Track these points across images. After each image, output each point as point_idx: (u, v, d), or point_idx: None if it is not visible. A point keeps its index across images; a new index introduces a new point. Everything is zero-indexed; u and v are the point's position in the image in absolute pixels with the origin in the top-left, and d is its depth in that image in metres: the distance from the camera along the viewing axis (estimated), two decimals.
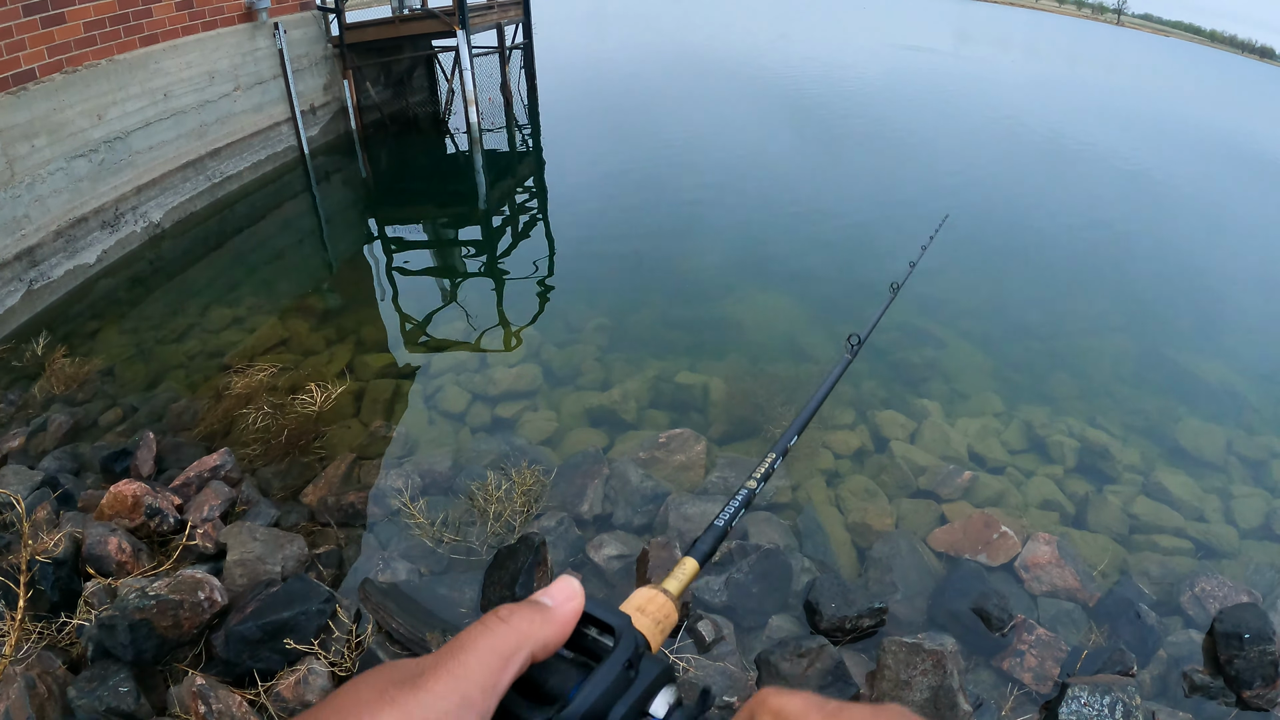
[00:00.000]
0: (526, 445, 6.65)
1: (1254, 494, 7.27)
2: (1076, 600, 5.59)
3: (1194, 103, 44.96)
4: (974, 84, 34.56)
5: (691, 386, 7.79)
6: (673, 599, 0.82)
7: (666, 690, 0.68)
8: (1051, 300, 11.08)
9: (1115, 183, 19.10)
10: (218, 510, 5.26)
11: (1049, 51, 65.63)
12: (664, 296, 9.99)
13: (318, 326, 8.58)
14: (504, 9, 17.73)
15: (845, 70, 32.60)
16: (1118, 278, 12.42)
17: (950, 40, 60.88)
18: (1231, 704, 4.92)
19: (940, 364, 8.77)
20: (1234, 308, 11.95)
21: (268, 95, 13.33)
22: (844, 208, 14.08)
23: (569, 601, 0.67)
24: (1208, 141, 29.78)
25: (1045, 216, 15.05)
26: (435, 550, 5.34)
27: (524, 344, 8.55)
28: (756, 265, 11.19)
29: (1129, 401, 8.56)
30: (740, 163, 16.42)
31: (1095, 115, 31.10)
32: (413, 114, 17.85)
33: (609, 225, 12.54)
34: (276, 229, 11.85)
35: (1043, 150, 21.63)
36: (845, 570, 5.72)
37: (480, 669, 0.59)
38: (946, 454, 7.13)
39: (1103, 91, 41.55)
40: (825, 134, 20.35)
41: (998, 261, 12.35)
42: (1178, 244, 14.87)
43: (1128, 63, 68.87)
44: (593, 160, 16.33)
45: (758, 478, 1.13)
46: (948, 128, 22.96)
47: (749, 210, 13.51)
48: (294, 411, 6.66)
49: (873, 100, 25.86)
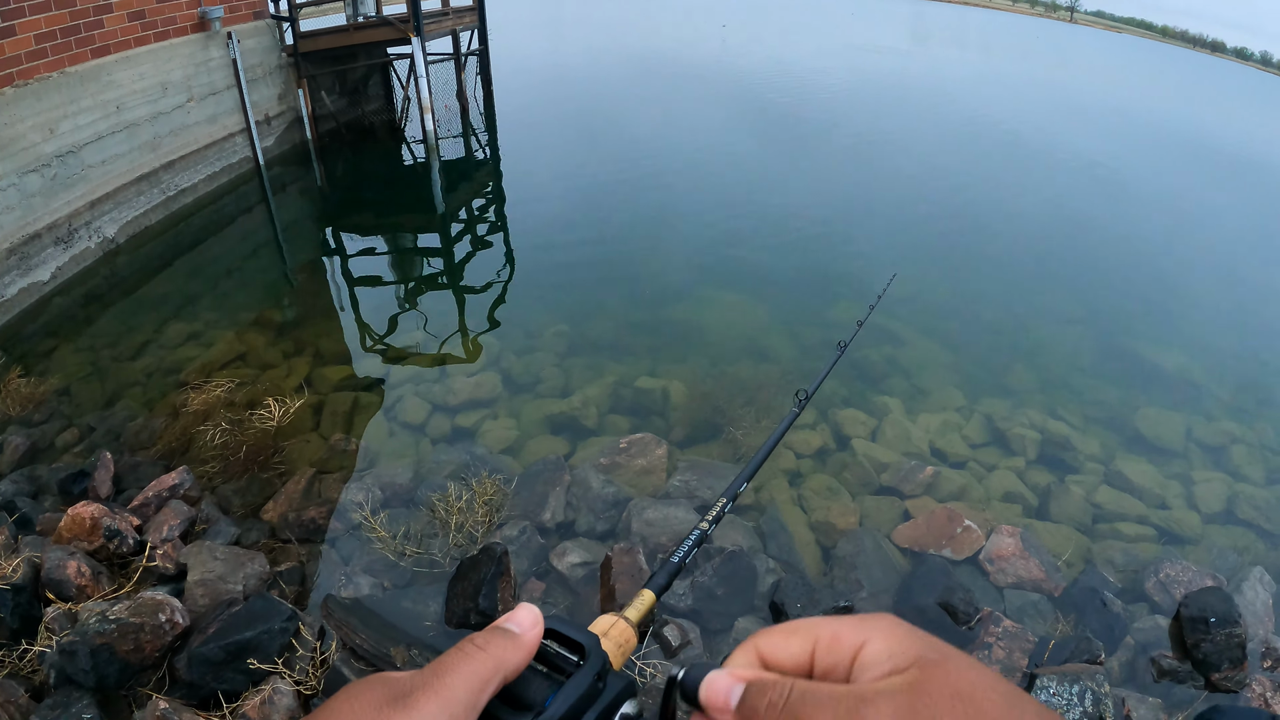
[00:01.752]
0: (487, 454, 6.66)
1: (1215, 479, 7.41)
2: (1042, 591, 5.67)
3: (1148, 97, 45.54)
4: (932, 83, 34.82)
5: (652, 391, 7.82)
6: (632, 625, 0.88)
7: (630, 702, 0.75)
8: (1010, 294, 11.22)
9: (1072, 177, 19.35)
10: (177, 530, 5.21)
11: (1004, 50, 66.19)
12: (624, 301, 10.02)
13: (275, 340, 8.51)
14: (459, 15, 17.68)
15: (806, 72, 32.73)
16: (1076, 270, 12.59)
17: (907, 41, 61.26)
18: (1200, 687, 5.01)
19: (900, 361, 8.87)
20: (1191, 296, 12.16)
21: (222, 106, 13.21)
22: (806, 209, 14.16)
23: (533, 629, 0.73)
24: (1163, 135, 30.23)
25: (1003, 212, 15.25)
26: (398, 564, 5.33)
27: (483, 352, 8.54)
28: (716, 268, 11.23)
29: (1089, 392, 8.70)
30: (700, 166, 16.52)
31: (1051, 112, 31.45)
32: (369, 122, 17.73)
33: (568, 231, 12.55)
34: (233, 242, 11.75)
35: (1000, 147, 21.87)
36: (810, 570, 5.76)
37: (464, 691, 0.64)
38: (908, 450, 7.21)
39: (1058, 88, 41.95)
40: (787, 136, 20.48)
41: (956, 257, 12.48)
42: (1135, 235, 15.09)
43: (1081, 60, 69.60)
44: (552, 166, 16.34)
45: (710, 520, 1.16)
46: (907, 127, 23.16)
47: (709, 213, 13.55)
48: (252, 427, 6.61)
49: (833, 101, 26.06)
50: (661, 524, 5.83)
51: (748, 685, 0.65)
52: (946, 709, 0.55)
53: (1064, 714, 4.35)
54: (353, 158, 16.07)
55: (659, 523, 5.85)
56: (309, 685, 4.25)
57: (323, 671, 4.33)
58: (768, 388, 7.95)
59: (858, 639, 0.63)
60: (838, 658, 0.64)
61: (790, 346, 9.13)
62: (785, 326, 9.62)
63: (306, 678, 4.27)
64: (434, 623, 4.97)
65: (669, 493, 6.30)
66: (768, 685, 0.64)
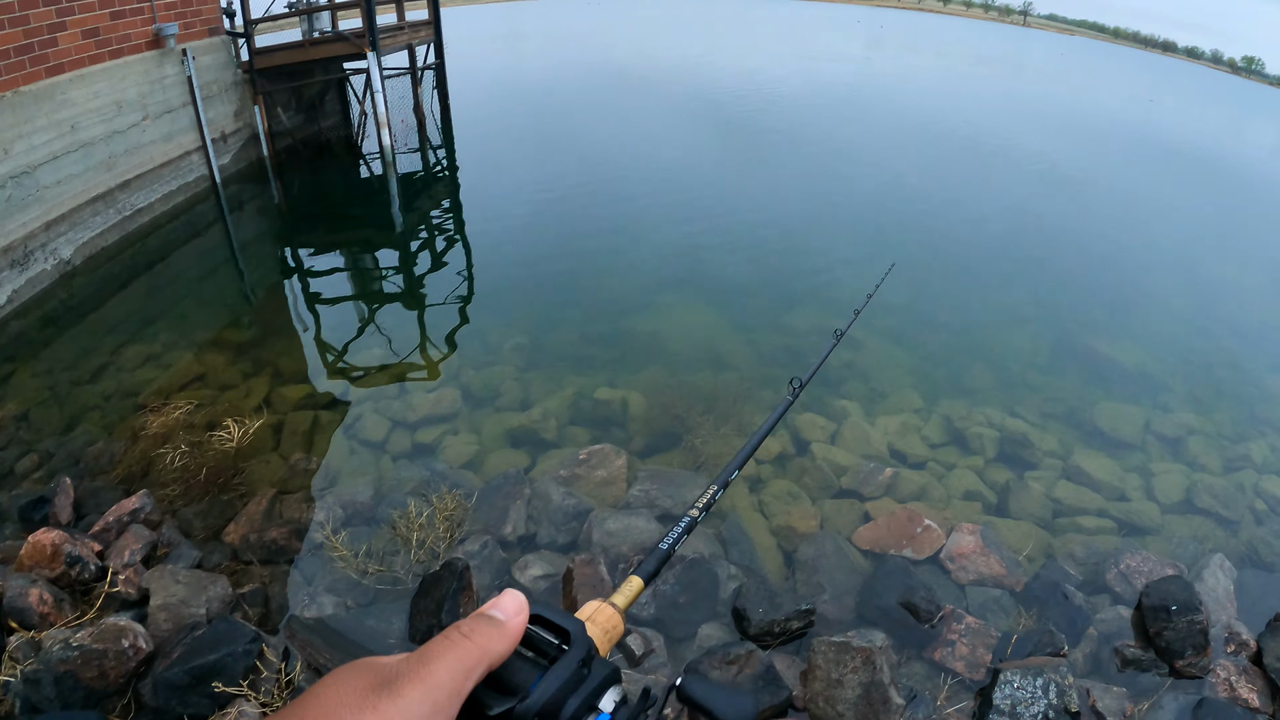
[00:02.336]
0: (447, 470, 6.68)
1: (1173, 470, 7.56)
2: (1004, 586, 5.76)
3: (1102, 97, 46.06)
4: (889, 91, 35.12)
5: (611, 401, 7.88)
6: (619, 611, 0.91)
7: (614, 689, 0.77)
8: (968, 295, 11.37)
9: (1028, 178, 19.64)
10: (139, 555, 5.21)
11: (960, 56, 66.73)
12: (582, 313, 10.07)
13: (234, 360, 8.47)
14: (415, 30, 17.68)
15: (765, 81, 32.90)
16: (1031, 269, 12.79)
17: (862, 48, 61.65)
18: (1165, 674, 5.09)
19: (858, 364, 8.96)
20: (1147, 292, 12.38)
21: (177, 124, 13.11)
22: (764, 217, 14.30)
23: (518, 615, 0.75)
24: (1117, 133, 30.63)
25: (961, 215, 15.43)
26: (360, 582, 5.35)
27: (443, 367, 8.58)
28: (675, 277, 11.30)
29: (1046, 389, 8.84)
30: (660, 176, 16.59)
31: (1007, 114, 31.80)
32: (325, 138, 17.67)
33: (527, 244, 12.60)
34: (190, 261, 11.67)
35: (957, 151, 22.10)
36: (772, 575, 5.81)
37: (449, 678, 0.66)
38: (867, 453, 7.30)
39: (1014, 91, 42.44)
40: (747, 145, 20.60)
41: (915, 260, 12.60)
42: (1091, 234, 15.32)
43: (1036, 63, 70.32)
44: (511, 179, 16.35)
45: (700, 507, 1.20)
46: (865, 135, 23.37)
47: (668, 224, 13.63)
48: (212, 449, 6.59)
49: (792, 110, 26.19)
50: (622, 534, 5.88)
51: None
52: None
53: (1028, 707, 4.40)
54: (310, 174, 16.01)
55: (620, 533, 5.90)
56: (275, 707, 4.24)
57: (288, 693, 4.35)
58: (726, 396, 8.03)
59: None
60: None
61: (749, 354, 9.21)
62: (744, 334, 9.71)
63: (272, 700, 4.29)
64: (398, 640, 5.00)
65: (629, 503, 6.34)
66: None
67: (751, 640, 5.02)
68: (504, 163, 17.88)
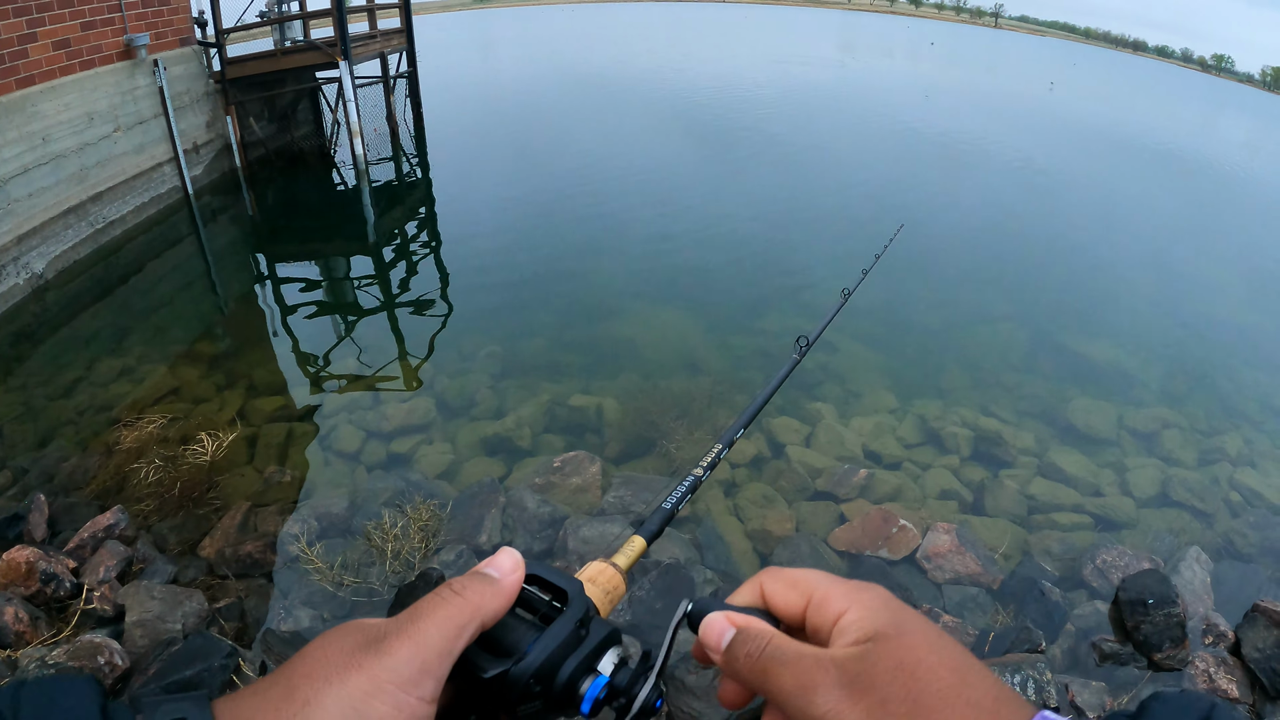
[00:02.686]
0: (422, 480, 6.67)
1: (1148, 464, 7.65)
2: (980, 584, 5.80)
3: (1074, 96, 46.46)
4: (866, 93, 35.39)
5: (585, 408, 7.90)
6: (621, 572, 0.89)
7: (613, 650, 0.76)
8: (941, 295, 11.46)
9: (1001, 178, 19.85)
10: (114, 571, 5.19)
11: (933, 57, 67.18)
12: (557, 319, 10.09)
13: (208, 373, 8.44)
14: (387, 38, 17.68)
15: (741, 86, 33.06)
16: (1003, 268, 12.92)
17: (838, 51, 62.00)
18: (1144, 668, 5.15)
19: (832, 366, 9.00)
20: (1119, 288, 12.53)
21: (149, 135, 13.05)
22: (739, 221, 14.39)
23: (512, 573, 0.74)
24: (1089, 131, 30.93)
25: (934, 215, 15.53)
26: (336, 594, 5.34)
27: (417, 377, 8.58)
28: (648, 283, 11.35)
29: (1020, 387, 8.92)
30: (634, 182, 16.67)
31: (980, 115, 32.07)
32: (298, 148, 17.59)
33: (500, 251, 12.60)
34: (163, 274, 11.60)
35: (931, 152, 22.26)
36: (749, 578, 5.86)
37: (438, 637, 0.64)
38: (842, 454, 7.34)
39: (986, 91, 42.78)
40: (725, 149, 20.70)
41: (889, 261, 12.70)
42: (1063, 231, 15.50)
43: (1008, 63, 70.87)
44: (485, 186, 16.38)
45: (704, 466, 1.17)
46: (842, 137, 23.52)
47: (640, 229, 13.69)
48: (186, 463, 6.56)
49: (770, 115, 26.30)
50: (598, 541, 5.89)
51: (736, 632, 0.72)
52: (886, 679, 0.61)
53: None
54: (283, 184, 15.97)
55: (595, 540, 5.91)
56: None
57: None
58: (700, 400, 8.06)
59: (841, 606, 0.69)
60: (822, 619, 0.70)
61: (722, 358, 9.25)
62: (717, 338, 9.76)
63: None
64: None
65: (604, 509, 6.36)
66: (749, 636, 0.71)
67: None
68: (478, 170, 17.91)
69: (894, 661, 0.62)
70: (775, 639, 0.69)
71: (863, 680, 0.62)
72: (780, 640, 0.69)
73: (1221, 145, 36.82)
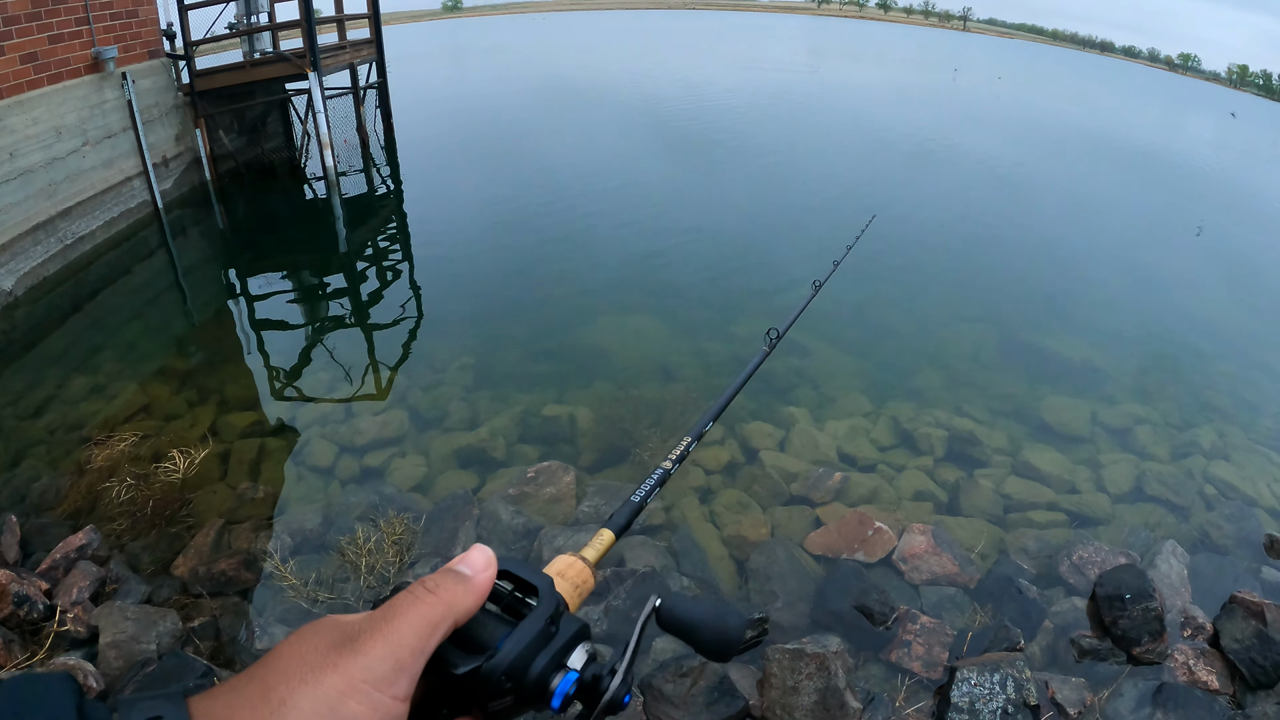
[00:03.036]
0: (396, 493, 6.65)
1: (1122, 460, 7.73)
2: (957, 584, 5.83)
3: (1044, 97, 46.90)
4: (837, 98, 35.58)
5: (559, 417, 7.90)
6: (590, 566, 0.93)
7: (583, 646, 0.77)
8: (913, 297, 11.56)
9: (972, 179, 20.00)
10: (87, 592, 5.15)
11: (903, 61, 67.61)
12: (530, 329, 10.10)
13: (179, 389, 8.37)
14: (356, 48, 17.64)
15: (714, 94, 33.19)
16: (974, 268, 13.05)
17: (808, 57, 62.26)
18: (1123, 662, 5.20)
19: (806, 370, 9.05)
20: (1090, 285, 12.68)
21: (118, 149, 12.94)
22: (711, 228, 14.45)
23: (485, 570, 0.74)
24: (1059, 131, 31.26)
25: (905, 218, 15.63)
26: (311, 610, 5.32)
27: (390, 389, 8.56)
28: (620, 291, 11.38)
29: (993, 387, 9.01)
30: (606, 191, 16.72)
31: (952, 117, 32.31)
32: (268, 161, 17.48)
33: (473, 262, 12.61)
34: (134, 289, 11.52)
35: (903, 156, 22.43)
36: (725, 584, 5.85)
37: (412, 635, 0.65)
38: (816, 458, 7.37)
39: (957, 94, 43.08)
40: (697, 157, 20.73)
41: (861, 265, 12.78)
42: (1031, 230, 15.71)
43: (977, 66, 71.37)
44: (456, 197, 16.41)
45: (673, 459, 1.19)
46: (814, 143, 23.64)
47: (612, 237, 13.72)
48: (158, 480, 6.51)
49: (742, 122, 26.43)
50: (572, 550, 5.91)
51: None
52: None
53: (987, 703, 4.46)
54: (254, 197, 15.86)
55: (570, 549, 5.90)
56: None
57: None
58: (674, 407, 8.08)
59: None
60: None
61: (695, 365, 9.29)
62: (690, 345, 9.79)
63: None
64: None
65: (579, 519, 6.37)
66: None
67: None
68: (449, 181, 17.90)
69: None
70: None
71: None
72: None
73: (1189, 142, 37.23)
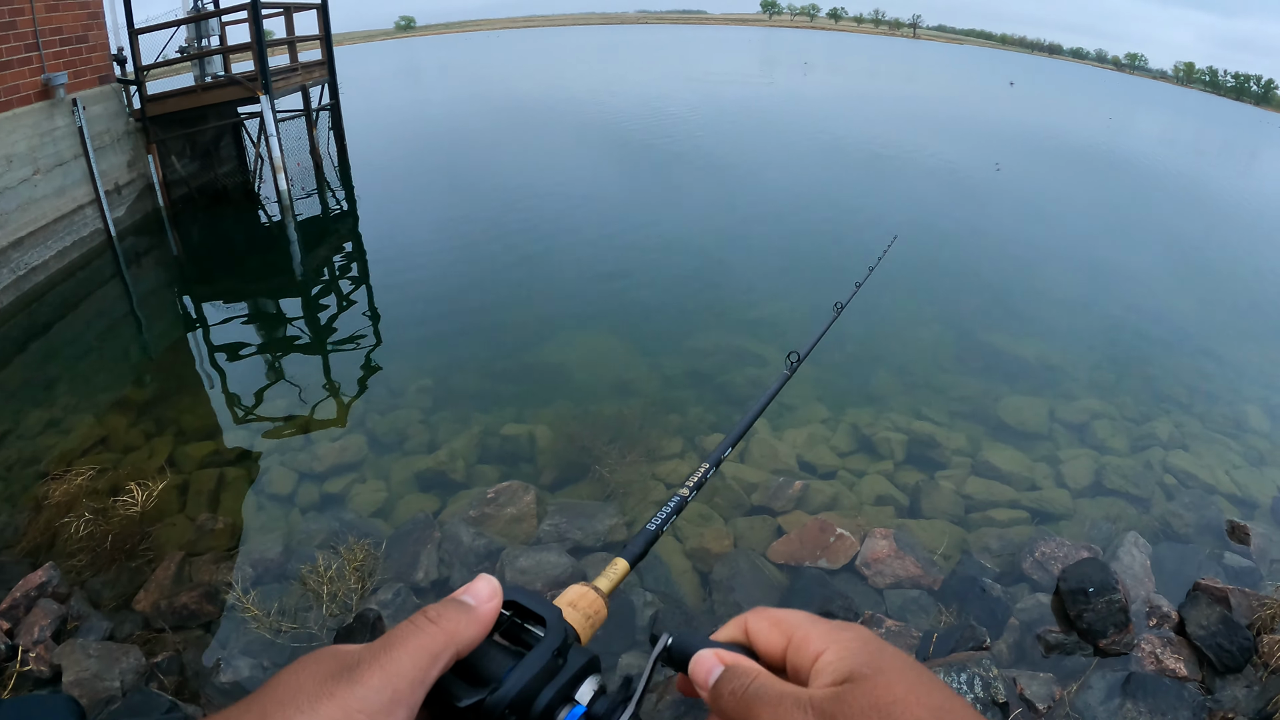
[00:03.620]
0: (357, 519, 6.65)
1: (1081, 455, 7.89)
2: (921, 586, 5.92)
3: (996, 102, 47.47)
4: (792, 108, 35.88)
5: (518, 437, 7.92)
6: (603, 596, 0.89)
7: (592, 678, 0.74)
8: (868, 303, 11.68)
9: (921, 182, 20.20)
10: (49, 630, 5.12)
11: (855, 71, 68.18)
12: (488, 349, 10.13)
13: (136, 420, 8.30)
14: (308, 70, 17.59)
15: (670, 107, 33.34)
16: (928, 272, 13.15)
17: (761, 67, 62.69)
18: (1090, 655, 5.30)
19: (763, 381, 8.98)
20: (1043, 284, 12.93)
21: (70, 177, 12.80)
22: (669, 242, 14.60)
23: (490, 601, 0.73)
24: (1012, 135, 31.64)
25: (861, 224, 15.79)
26: (275, 641, 5.31)
27: (348, 414, 8.54)
28: (578, 308, 11.46)
29: (950, 389, 9.15)
30: (556, 209, 16.79)
31: (905, 124, 32.65)
32: (222, 185, 17.34)
33: (429, 283, 12.62)
34: (88, 320, 11.41)
35: (858, 163, 22.65)
36: (689, 597, 5.90)
37: (411, 666, 0.64)
38: (776, 467, 7.44)
39: (909, 100, 43.57)
40: (654, 172, 20.91)
41: (815, 273, 12.92)
42: (984, 232, 15.91)
43: (928, 73, 72.10)
44: (413, 218, 16.41)
45: (690, 486, 1.16)
46: (770, 154, 23.84)
47: (567, 254, 13.84)
48: (117, 514, 6.43)
49: (699, 133, 26.59)
50: (535, 571, 5.94)
51: (724, 670, 0.72)
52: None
53: None
54: (208, 223, 15.72)
55: (532, 570, 5.95)
56: None
57: None
58: (633, 422, 8.15)
59: (819, 646, 0.69)
60: (802, 659, 0.70)
61: (654, 380, 9.36)
62: (648, 360, 9.86)
63: None
64: None
65: (540, 538, 6.40)
66: (735, 674, 0.70)
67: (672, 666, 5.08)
68: (405, 202, 17.92)
69: (868, 702, 0.62)
70: (760, 677, 0.69)
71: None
72: (764, 679, 0.69)
73: (1139, 140, 37.81)
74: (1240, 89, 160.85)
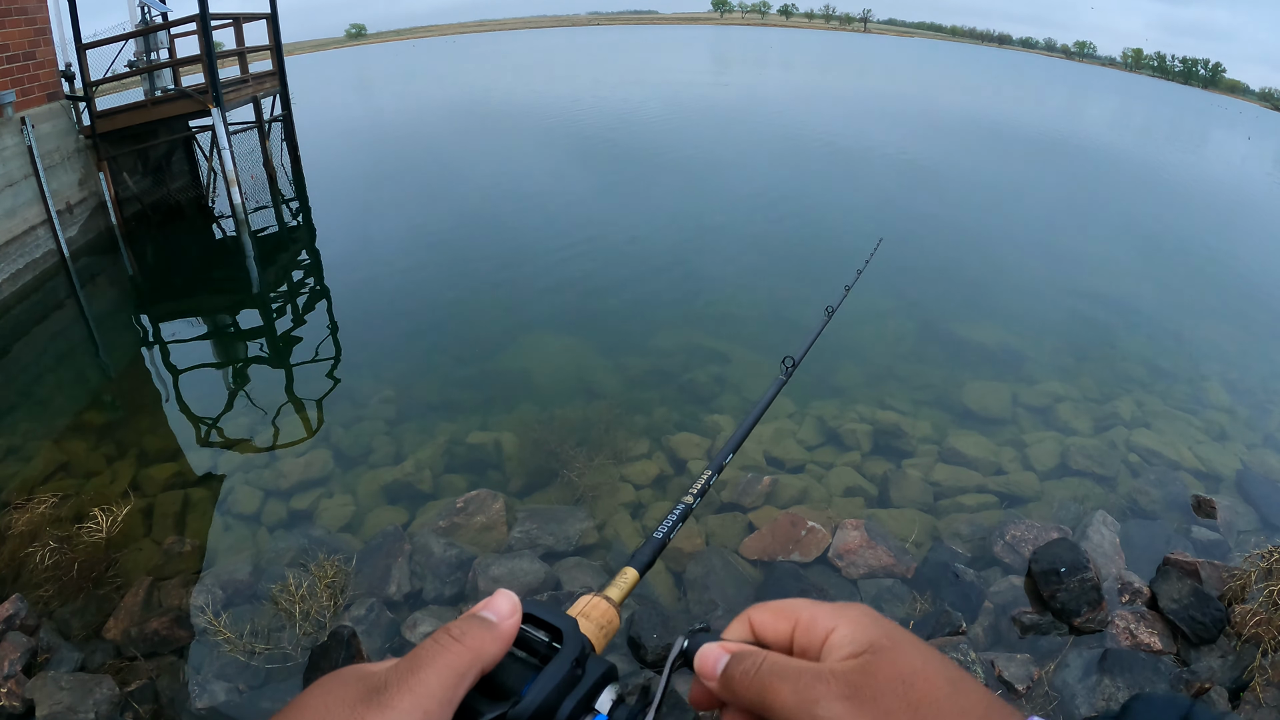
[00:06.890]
0: (325, 535, 6.61)
1: (1046, 437, 8.01)
2: (894, 575, 5.98)
3: (948, 92, 47.90)
4: (749, 105, 36.00)
5: (484, 444, 7.92)
6: (614, 605, 0.88)
7: (610, 688, 0.74)
8: (823, 295, 11.77)
9: (881, 174, 20.36)
10: (19, 664, 5.03)
11: (807, 65, 68.52)
12: (450, 358, 10.11)
13: (97, 444, 8.18)
14: (260, 81, 17.42)
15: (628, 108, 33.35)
16: (886, 262, 13.26)
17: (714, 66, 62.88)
18: (1065, 634, 5.38)
19: (727, 378, 9.18)
20: (1002, 271, 13.09)
21: (20, 198, 12.54)
22: (627, 243, 14.64)
23: (510, 617, 0.72)
24: (967, 124, 31.94)
25: (822, 217, 15.88)
26: (249, 663, 5.26)
27: (311, 429, 8.48)
28: (539, 313, 11.46)
29: (914, 378, 9.25)
30: (519, 213, 16.84)
31: (862, 116, 32.88)
32: (175, 201, 17.07)
33: (388, 293, 12.59)
34: (44, 343, 11.22)
35: (817, 158, 22.76)
36: (664, 598, 5.91)
37: (439, 686, 0.64)
38: (745, 463, 7.47)
39: (864, 94, 43.88)
40: (617, 172, 20.91)
41: (779, 268, 12.95)
42: (941, 222, 15.99)
43: (880, 67, 72.63)
44: (369, 228, 16.30)
45: (694, 493, 1.16)
46: (729, 150, 23.91)
47: (527, 260, 13.77)
48: (82, 541, 6.34)
49: (657, 134, 26.64)
50: (508, 578, 5.93)
51: (730, 656, 0.73)
52: (887, 690, 0.63)
53: None
54: (162, 240, 15.51)
55: (505, 578, 5.94)
56: None
57: None
58: (598, 425, 8.16)
59: (829, 624, 0.71)
60: (811, 639, 0.71)
61: (617, 381, 9.39)
62: (611, 361, 9.89)
63: None
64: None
65: (511, 545, 6.40)
66: (745, 656, 0.71)
67: (650, 668, 5.11)
68: (361, 212, 17.77)
69: (893, 672, 0.64)
70: (771, 656, 0.71)
71: (865, 691, 0.63)
72: (775, 657, 0.71)
73: (1092, 125, 38.25)
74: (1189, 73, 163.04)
